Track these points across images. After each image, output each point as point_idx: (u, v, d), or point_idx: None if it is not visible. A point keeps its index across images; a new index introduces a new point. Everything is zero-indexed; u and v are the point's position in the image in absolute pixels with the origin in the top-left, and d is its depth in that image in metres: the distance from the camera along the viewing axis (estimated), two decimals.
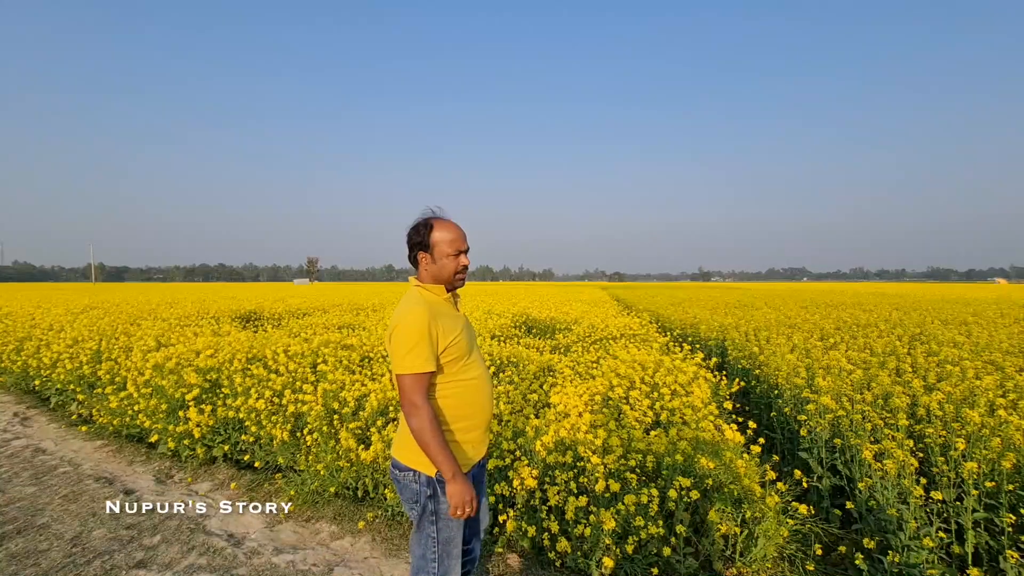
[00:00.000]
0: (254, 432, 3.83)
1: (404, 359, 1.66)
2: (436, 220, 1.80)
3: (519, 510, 2.84)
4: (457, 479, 1.67)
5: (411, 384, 1.66)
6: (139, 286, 53.99)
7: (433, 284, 1.82)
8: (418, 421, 1.65)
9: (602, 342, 6.47)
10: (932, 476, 2.78)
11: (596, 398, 3.67)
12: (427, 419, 1.65)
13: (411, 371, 1.65)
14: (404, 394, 1.67)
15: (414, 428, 1.66)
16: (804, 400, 3.57)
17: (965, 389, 3.39)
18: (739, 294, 20.05)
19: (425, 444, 1.65)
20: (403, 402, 1.68)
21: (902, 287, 39.67)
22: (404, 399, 1.67)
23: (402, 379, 1.66)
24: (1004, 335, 5.86)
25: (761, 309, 10.67)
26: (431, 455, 1.66)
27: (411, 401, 1.66)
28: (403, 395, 1.68)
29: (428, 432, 1.64)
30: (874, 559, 2.44)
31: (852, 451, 3.01)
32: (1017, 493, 2.52)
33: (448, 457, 1.66)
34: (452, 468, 1.66)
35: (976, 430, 2.78)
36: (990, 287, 41.71)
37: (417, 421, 1.65)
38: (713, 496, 2.78)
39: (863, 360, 4.51)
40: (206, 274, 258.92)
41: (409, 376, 1.65)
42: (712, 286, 56.54)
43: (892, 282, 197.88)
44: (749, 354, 5.38)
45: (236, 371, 4.53)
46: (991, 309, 9.97)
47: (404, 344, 1.66)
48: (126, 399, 4.55)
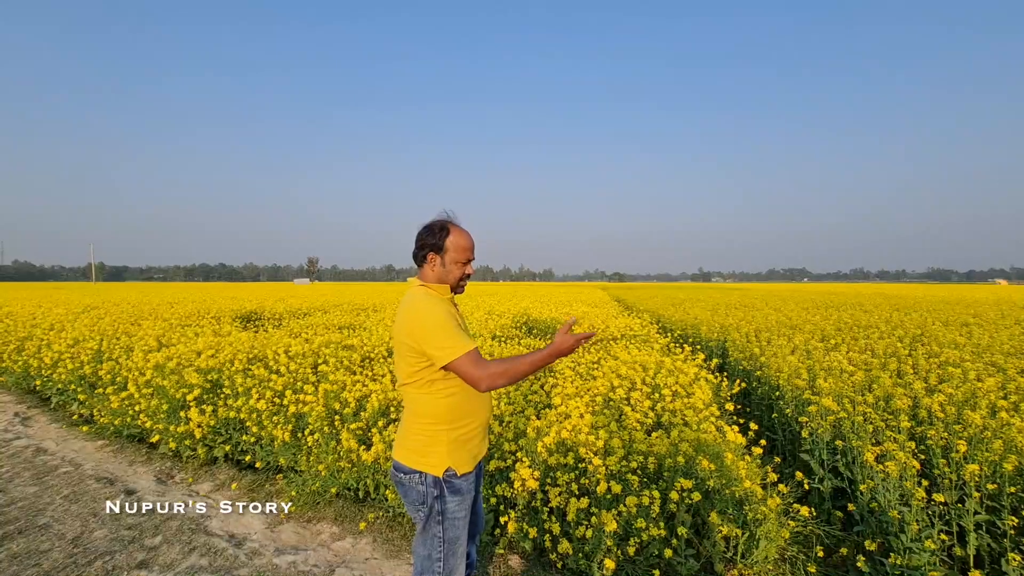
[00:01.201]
0: (255, 432, 3.83)
1: (448, 347, 1.64)
2: (452, 225, 1.83)
3: (520, 511, 2.84)
4: (552, 349, 1.68)
5: (470, 362, 1.64)
6: (139, 285, 54.03)
7: (437, 285, 1.83)
8: (503, 379, 1.64)
9: (603, 343, 6.48)
10: (934, 478, 2.78)
11: (598, 399, 3.67)
12: (505, 370, 1.65)
13: (463, 351, 1.64)
14: (471, 376, 1.64)
15: (507, 383, 1.65)
16: (806, 402, 3.57)
17: (967, 391, 3.38)
18: (739, 295, 20.05)
19: (522, 373, 1.66)
20: (477, 383, 1.65)
21: (902, 288, 39.66)
22: (475, 379, 1.64)
23: (460, 364, 1.64)
24: (1005, 336, 5.85)
25: (762, 310, 10.67)
26: (534, 369, 1.67)
27: (481, 376, 1.64)
28: (471, 378, 1.65)
29: (513, 368, 1.65)
30: (875, 561, 2.43)
31: (853, 453, 3.01)
32: (1019, 495, 2.52)
33: (536, 356, 1.68)
34: (547, 352, 1.68)
35: (978, 432, 2.77)
36: (991, 288, 41.71)
37: (502, 379, 1.64)
38: (714, 498, 2.78)
39: (864, 362, 4.51)
40: (206, 274, 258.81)
41: (464, 357, 1.64)
42: (712, 287, 56.52)
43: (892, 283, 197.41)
44: (750, 355, 5.38)
45: (237, 371, 4.53)
46: (992, 310, 9.96)
47: (440, 333, 1.65)
48: (127, 399, 4.55)
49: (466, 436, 1.79)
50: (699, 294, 21.92)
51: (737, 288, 38.51)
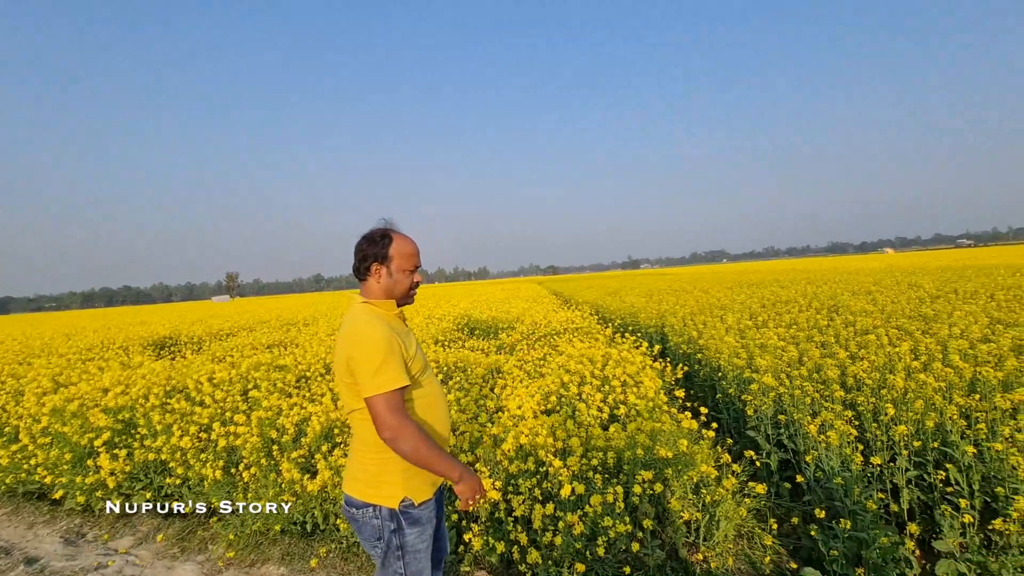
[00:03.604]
0: (180, 474, 3.44)
1: (375, 378, 1.50)
2: (395, 232, 1.69)
3: (484, 524, 2.73)
4: (464, 477, 1.61)
5: (388, 404, 1.50)
6: (27, 317, 47.82)
7: (383, 300, 1.67)
8: (408, 441, 1.51)
9: (546, 338, 6.48)
10: (867, 442, 2.97)
11: (551, 398, 3.63)
12: (417, 436, 1.52)
13: (386, 389, 1.50)
14: (381, 418, 1.50)
15: (407, 451, 1.51)
16: (747, 380, 3.72)
17: (884, 356, 3.66)
18: (669, 280, 20.96)
19: (425, 460, 1.53)
20: (381, 429, 1.51)
21: (809, 262, 43.34)
22: (382, 424, 1.51)
23: (375, 402, 1.50)
24: (904, 300, 6.47)
25: (692, 293, 11.17)
26: (435, 468, 1.56)
27: (391, 424, 1.50)
28: (380, 420, 1.51)
29: (424, 448, 1.52)
30: (826, 527, 2.55)
31: (796, 426, 3.16)
32: (941, 449, 2.74)
33: (451, 462, 1.59)
34: (459, 469, 1.60)
35: (901, 395, 2.99)
36: (881, 257, 46.47)
37: (407, 441, 1.51)
38: (673, 485, 2.81)
39: (792, 336, 4.79)
40: (109, 298, 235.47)
41: (384, 395, 1.50)
42: (643, 273, 58.95)
43: (800, 258, 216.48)
44: (688, 339, 5.57)
45: (153, 407, 4.06)
46: (887, 278, 11.04)
47: (371, 362, 1.50)
48: (19, 452, 3.96)
49: None
50: (632, 281, 22.70)
51: (666, 273, 40.38)
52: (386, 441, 1.52)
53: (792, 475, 3.15)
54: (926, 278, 9.98)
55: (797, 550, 2.79)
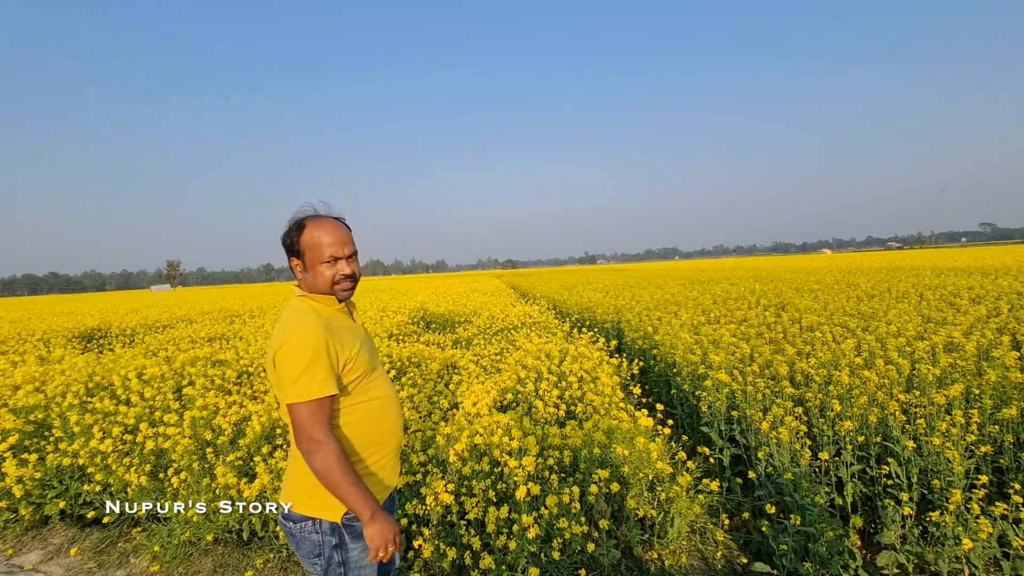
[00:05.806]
0: (100, 480, 3.13)
1: (295, 385, 1.34)
2: (310, 220, 1.48)
3: (435, 529, 2.61)
4: (377, 518, 1.39)
5: (308, 415, 1.35)
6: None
7: (319, 294, 1.51)
8: (323, 459, 1.34)
9: (504, 332, 6.40)
10: (815, 436, 3.05)
11: (507, 395, 3.54)
12: (334, 456, 1.35)
13: (307, 398, 1.34)
14: (300, 429, 1.35)
15: (319, 468, 1.35)
16: (702, 376, 3.76)
17: (829, 352, 3.78)
18: (625, 276, 21.34)
19: (336, 485, 1.35)
20: (299, 439, 1.36)
21: (756, 261, 45.34)
22: (300, 435, 1.36)
23: (296, 410, 1.35)
24: (843, 298, 6.79)
25: (647, 289, 11.37)
26: (344, 497, 1.37)
27: (309, 436, 1.35)
28: (298, 430, 1.36)
29: (338, 471, 1.35)
30: (776, 523, 2.59)
31: (748, 421, 3.20)
32: (883, 444, 2.83)
33: (365, 495, 1.38)
34: (371, 507, 1.39)
35: (846, 392, 3.08)
36: (820, 257, 49.15)
37: (322, 459, 1.34)
38: (630, 482, 2.78)
39: (743, 332, 4.90)
40: (33, 286, 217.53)
41: (305, 405, 1.34)
42: (599, 269, 59.91)
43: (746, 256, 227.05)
44: (644, 335, 5.62)
45: (71, 406, 3.70)
46: (828, 276, 11.61)
47: (294, 367, 1.34)
48: None
49: (373, 467, 1.51)
50: (589, 277, 22.99)
51: (621, 269, 41.15)
52: (302, 453, 1.37)
53: (744, 471, 3.19)
54: (862, 277, 10.56)
55: (747, 544, 2.83)
